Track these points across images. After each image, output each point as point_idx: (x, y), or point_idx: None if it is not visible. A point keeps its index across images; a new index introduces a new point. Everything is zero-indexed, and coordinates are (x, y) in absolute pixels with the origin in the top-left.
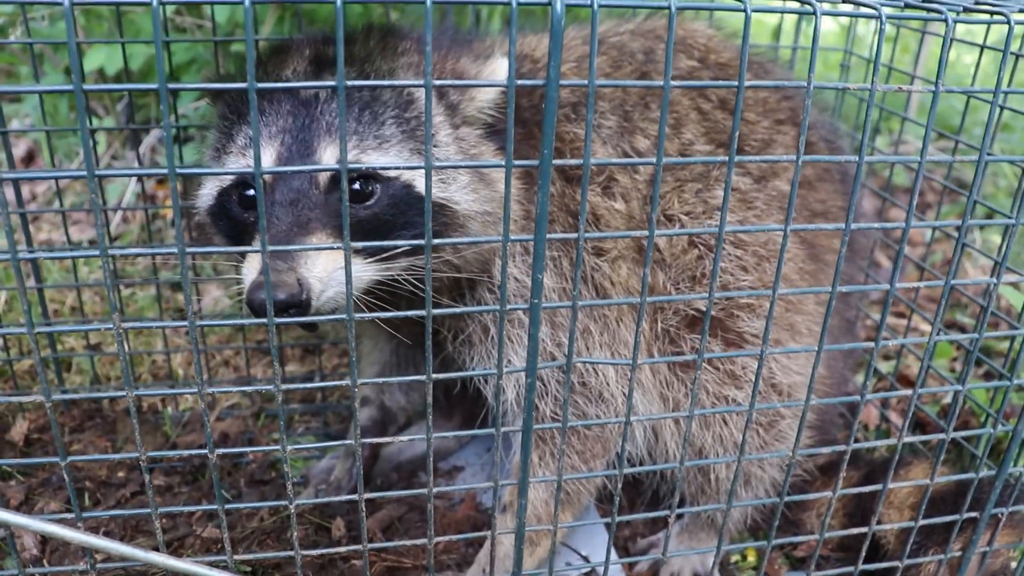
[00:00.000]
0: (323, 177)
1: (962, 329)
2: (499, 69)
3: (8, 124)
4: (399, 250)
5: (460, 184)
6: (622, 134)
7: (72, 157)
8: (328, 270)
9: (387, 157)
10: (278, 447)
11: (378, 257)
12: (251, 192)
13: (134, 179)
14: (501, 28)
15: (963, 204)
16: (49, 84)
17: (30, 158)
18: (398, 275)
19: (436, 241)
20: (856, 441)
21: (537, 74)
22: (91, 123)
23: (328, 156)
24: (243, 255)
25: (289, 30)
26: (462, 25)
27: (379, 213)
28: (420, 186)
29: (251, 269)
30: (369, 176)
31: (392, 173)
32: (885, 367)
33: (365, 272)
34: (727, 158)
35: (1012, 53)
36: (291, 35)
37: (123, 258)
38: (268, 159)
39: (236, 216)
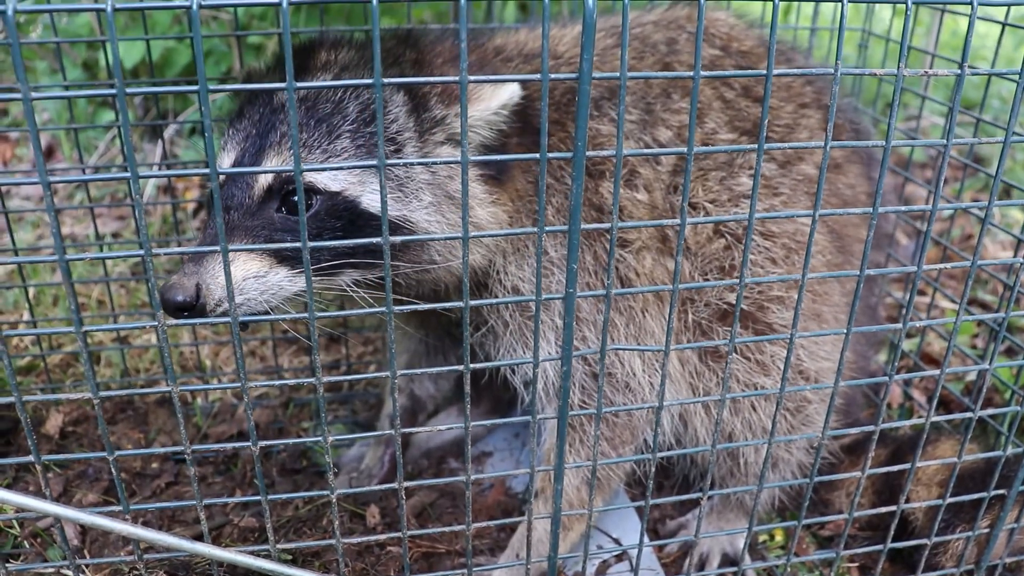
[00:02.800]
0: (259, 187)
1: (983, 305)
2: (509, 95)
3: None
4: (342, 263)
5: (422, 203)
6: (644, 127)
7: (90, 150)
8: (237, 277)
9: (327, 171)
10: (318, 438)
11: (316, 268)
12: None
13: (158, 169)
14: (516, 17)
15: (983, 178)
16: (68, 78)
17: (50, 152)
18: (347, 287)
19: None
20: (881, 419)
21: (559, 70)
22: (116, 115)
23: (271, 165)
24: None
25: (306, 21)
26: (474, 15)
27: (319, 226)
28: (367, 202)
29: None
30: (308, 189)
31: (335, 187)
32: (908, 345)
33: (291, 284)
34: (755, 146)
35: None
36: (317, 27)
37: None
38: (227, 162)
39: None
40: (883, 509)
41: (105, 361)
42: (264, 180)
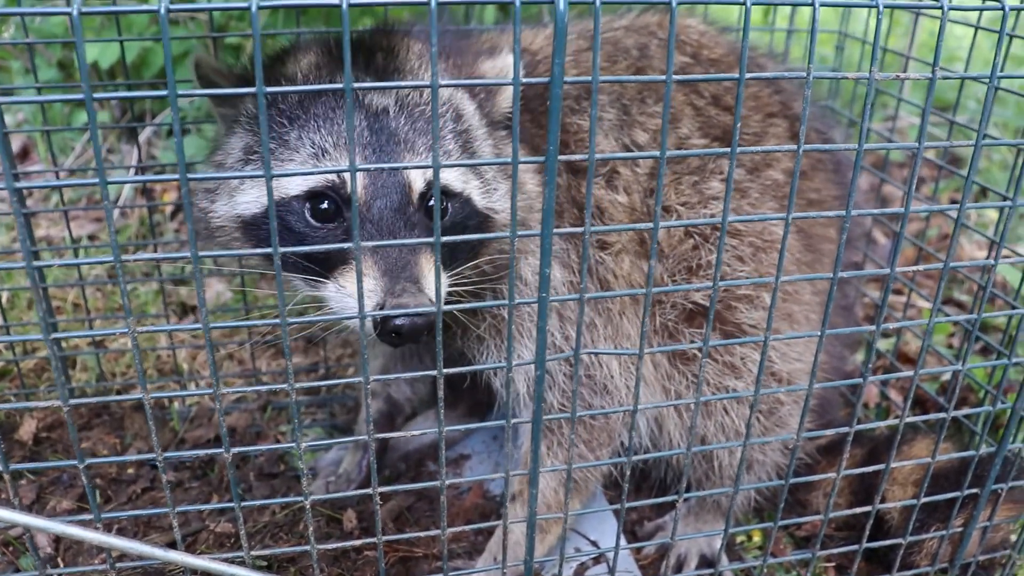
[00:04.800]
0: (415, 194)
1: (959, 305)
2: (508, 67)
3: None
4: (464, 261)
5: (500, 192)
6: (622, 127)
7: (67, 152)
8: (441, 286)
9: (454, 171)
10: (292, 444)
11: (451, 269)
12: (326, 205)
13: (134, 173)
14: (495, 19)
15: (959, 179)
16: (42, 78)
17: (25, 154)
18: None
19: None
20: (857, 420)
21: (537, 67)
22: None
23: (412, 174)
24: (328, 274)
25: (284, 23)
26: (454, 15)
27: (451, 228)
28: (476, 200)
29: (368, 291)
30: (445, 192)
31: (457, 188)
32: (884, 345)
33: (451, 286)
34: (727, 150)
35: (1008, 34)
36: (288, 27)
37: (123, 254)
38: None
39: (298, 230)
40: (858, 510)
41: (81, 365)
42: (418, 188)
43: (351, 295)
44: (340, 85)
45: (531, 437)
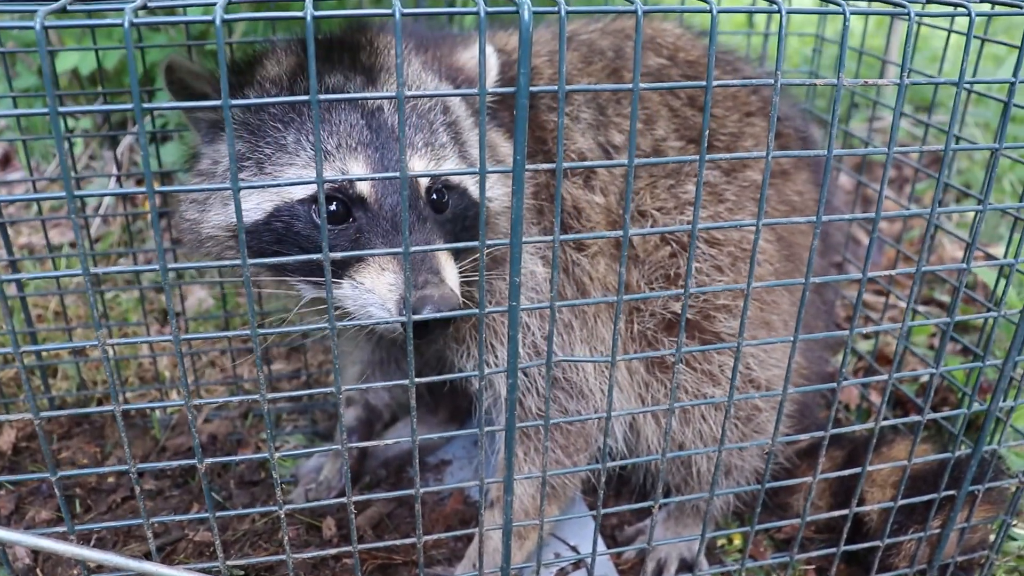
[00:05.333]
0: (422, 188)
1: (941, 305)
2: (490, 57)
3: None
4: (466, 254)
5: (491, 180)
6: (598, 128)
7: (49, 159)
8: (454, 278)
9: (450, 164)
10: (265, 455)
11: (457, 262)
12: (334, 206)
13: (114, 182)
14: (471, 24)
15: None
16: (22, 85)
17: (6, 160)
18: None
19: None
20: (838, 421)
21: (513, 67)
22: (66, 125)
23: (417, 168)
24: (341, 273)
25: (263, 31)
26: (438, 19)
27: (451, 219)
28: (472, 190)
29: (389, 285)
30: (447, 186)
31: (455, 180)
32: (864, 346)
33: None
34: (697, 157)
35: (978, 37)
36: (266, 36)
37: (105, 259)
38: (359, 171)
39: (306, 233)
40: (835, 513)
41: (62, 374)
42: (424, 183)
43: (370, 291)
44: (306, 97)
45: (505, 446)
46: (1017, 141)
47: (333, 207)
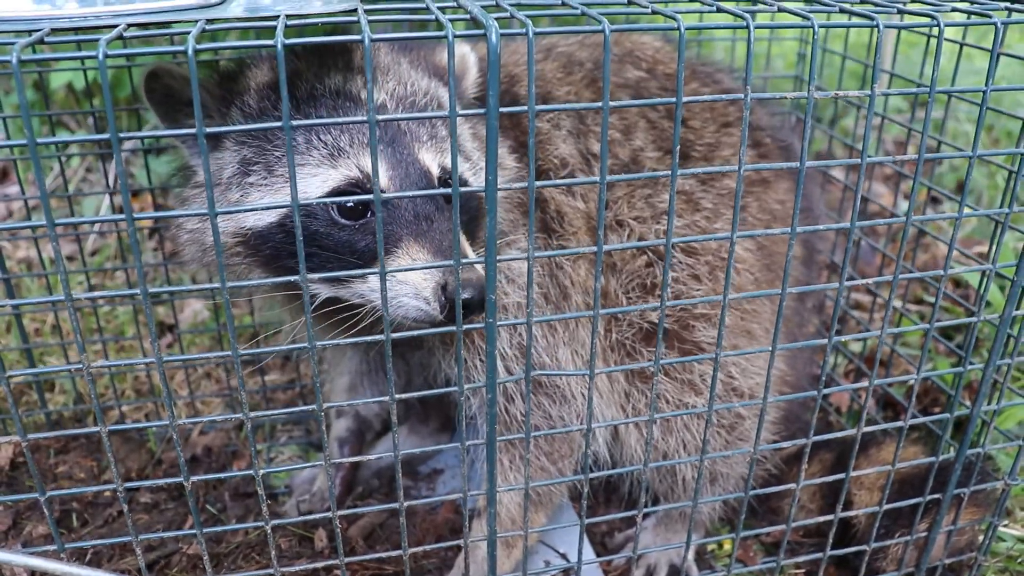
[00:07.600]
0: (435, 179)
1: (930, 305)
2: (465, 52)
3: None
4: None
5: (481, 167)
6: (579, 135)
7: (46, 171)
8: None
9: (449, 157)
10: (249, 471)
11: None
12: (350, 203)
13: (108, 198)
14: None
15: (939, 175)
16: (15, 101)
17: (4, 175)
18: None
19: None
20: (829, 424)
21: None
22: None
23: (428, 162)
24: (368, 265)
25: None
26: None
27: (458, 210)
28: (471, 180)
29: (423, 274)
30: (450, 177)
31: (458, 172)
32: (856, 347)
33: None
34: (668, 172)
35: (955, 41)
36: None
37: (102, 273)
38: (382, 174)
39: (324, 230)
40: (820, 519)
41: (59, 388)
42: (436, 173)
43: (403, 281)
44: (279, 124)
45: (487, 458)
46: (1011, 135)
47: (349, 203)
